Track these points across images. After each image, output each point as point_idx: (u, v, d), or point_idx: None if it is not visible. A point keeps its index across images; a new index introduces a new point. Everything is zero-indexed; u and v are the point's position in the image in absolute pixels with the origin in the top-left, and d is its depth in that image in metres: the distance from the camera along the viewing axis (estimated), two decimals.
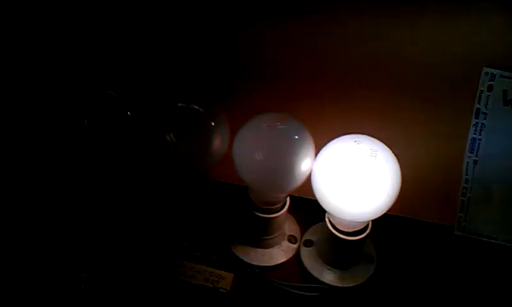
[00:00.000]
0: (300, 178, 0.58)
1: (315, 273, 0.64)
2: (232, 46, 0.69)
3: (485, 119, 0.65)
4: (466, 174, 0.67)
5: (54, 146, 0.69)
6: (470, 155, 0.67)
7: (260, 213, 0.63)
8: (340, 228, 0.61)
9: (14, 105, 0.72)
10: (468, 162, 0.67)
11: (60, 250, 0.65)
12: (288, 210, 0.64)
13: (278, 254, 0.66)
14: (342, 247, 0.62)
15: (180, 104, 0.61)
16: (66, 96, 0.64)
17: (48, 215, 0.68)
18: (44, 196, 0.70)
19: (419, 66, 0.65)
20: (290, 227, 0.69)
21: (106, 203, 0.69)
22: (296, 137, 0.58)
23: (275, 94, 0.69)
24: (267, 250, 0.66)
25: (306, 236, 0.68)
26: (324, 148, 0.59)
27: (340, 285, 0.63)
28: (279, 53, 0.67)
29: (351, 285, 0.63)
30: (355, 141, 0.56)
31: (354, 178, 0.55)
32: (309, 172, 0.59)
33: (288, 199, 0.64)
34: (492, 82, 0.64)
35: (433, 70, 0.64)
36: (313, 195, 0.59)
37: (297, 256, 0.66)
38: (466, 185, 0.68)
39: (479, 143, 0.66)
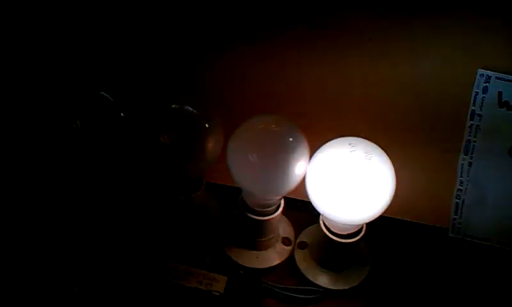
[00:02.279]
0: (294, 181, 0.58)
1: (309, 275, 0.64)
2: (227, 48, 0.68)
3: (480, 121, 0.65)
4: (461, 176, 0.67)
5: (47, 147, 0.69)
6: (464, 156, 0.67)
7: (254, 215, 0.62)
8: (335, 230, 0.61)
9: (7, 106, 0.72)
10: (462, 164, 0.67)
11: (52, 252, 0.64)
12: (283, 212, 0.64)
13: (272, 256, 0.66)
14: (336, 250, 0.62)
15: (173, 106, 0.61)
16: (59, 97, 0.64)
17: (40, 216, 0.68)
18: (36, 197, 0.69)
19: (414, 68, 0.64)
20: (284, 229, 0.68)
21: (99, 204, 0.68)
22: (291, 139, 0.58)
23: (270, 96, 0.68)
24: (261, 252, 0.66)
25: (301, 239, 0.68)
26: (319, 151, 0.58)
27: (334, 287, 0.63)
28: (275, 55, 0.67)
29: (345, 287, 0.63)
30: (350, 144, 0.56)
31: (348, 181, 0.55)
32: (303, 174, 0.58)
33: (282, 201, 0.64)
34: (487, 84, 0.64)
35: (428, 72, 0.64)
36: (308, 197, 0.59)
37: (291, 258, 0.66)
38: (461, 187, 0.68)
39: (473, 145, 0.66)
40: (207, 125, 0.61)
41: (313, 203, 0.59)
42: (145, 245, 0.65)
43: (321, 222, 0.62)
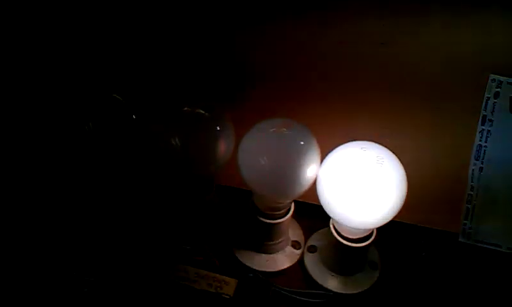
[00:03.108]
0: (305, 184, 0.58)
1: (319, 279, 0.64)
2: (239, 51, 0.68)
3: (491, 126, 0.65)
4: (472, 182, 0.67)
5: (59, 149, 0.69)
6: (475, 162, 0.66)
7: (264, 218, 0.62)
8: (345, 235, 0.61)
9: (20, 108, 0.72)
10: (473, 169, 0.67)
11: (63, 253, 0.64)
12: (293, 216, 0.64)
13: (282, 259, 0.66)
14: (346, 254, 0.62)
15: (185, 108, 0.61)
16: (72, 99, 0.64)
17: (52, 217, 0.68)
18: (48, 198, 0.70)
19: (426, 73, 0.64)
20: (294, 232, 0.68)
21: (110, 206, 0.69)
22: (302, 143, 0.58)
23: (282, 99, 0.69)
24: (270, 255, 0.66)
25: (310, 242, 0.68)
26: (330, 154, 0.58)
27: (343, 292, 0.63)
28: (285, 58, 0.67)
29: (354, 292, 0.63)
30: (362, 148, 0.56)
31: (360, 185, 0.54)
32: (314, 178, 0.58)
33: (292, 204, 0.64)
34: (499, 89, 0.63)
35: (440, 77, 0.64)
36: (318, 200, 0.59)
37: (300, 261, 0.66)
38: (472, 193, 0.67)
39: (484, 150, 0.66)
40: (218, 128, 0.61)
41: (323, 207, 0.59)
42: (155, 247, 0.65)
43: (331, 226, 0.62)
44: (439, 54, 0.63)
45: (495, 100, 0.64)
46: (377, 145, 0.57)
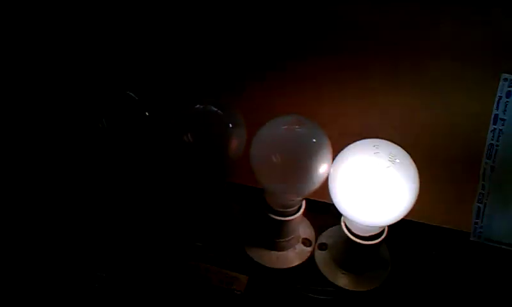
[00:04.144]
0: (317, 182, 0.58)
1: (329, 276, 0.64)
2: (251, 48, 0.69)
3: (503, 125, 0.65)
4: (483, 180, 0.67)
5: (73, 146, 0.70)
6: (487, 161, 0.66)
7: (275, 215, 0.62)
8: (356, 232, 0.61)
9: (34, 105, 0.73)
10: (485, 168, 0.66)
11: (75, 249, 0.65)
12: (304, 213, 0.64)
13: (292, 257, 0.66)
14: (357, 251, 0.62)
15: (197, 105, 0.61)
16: (85, 96, 0.65)
17: (65, 214, 0.68)
18: (62, 195, 0.70)
19: (437, 71, 0.64)
20: (304, 230, 0.69)
21: (122, 202, 0.69)
22: (314, 140, 0.58)
23: (293, 96, 0.69)
24: (281, 253, 0.66)
25: (321, 240, 0.68)
26: (342, 152, 0.58)
27: (354, 289, 0.63)
28: (297, 56, 0.67)
29: (365, 289, 0.63)
30: (374, 145, 0.56)
31: (372, 182, 0.54)
32: (326, 176, 0.58)
33: (303, 202, 0.64)
34: (511, 88, 0.63)
35: (451, 75, 0.64)
36: (329, 198, 0.59)
37: (311, 259, 0.66)
38: (483, 191, 0.67)
39: (496, 149, 0.65)
40: (230, 125, 0.61)
41: (335, 204, 0.59)
42: (167, 244, 0.66)
43: (342, 223, 0.62)
44: (450, 53, 0.63)
45: (507, 100, 0.64)
46: (389, 143, 0.57)
